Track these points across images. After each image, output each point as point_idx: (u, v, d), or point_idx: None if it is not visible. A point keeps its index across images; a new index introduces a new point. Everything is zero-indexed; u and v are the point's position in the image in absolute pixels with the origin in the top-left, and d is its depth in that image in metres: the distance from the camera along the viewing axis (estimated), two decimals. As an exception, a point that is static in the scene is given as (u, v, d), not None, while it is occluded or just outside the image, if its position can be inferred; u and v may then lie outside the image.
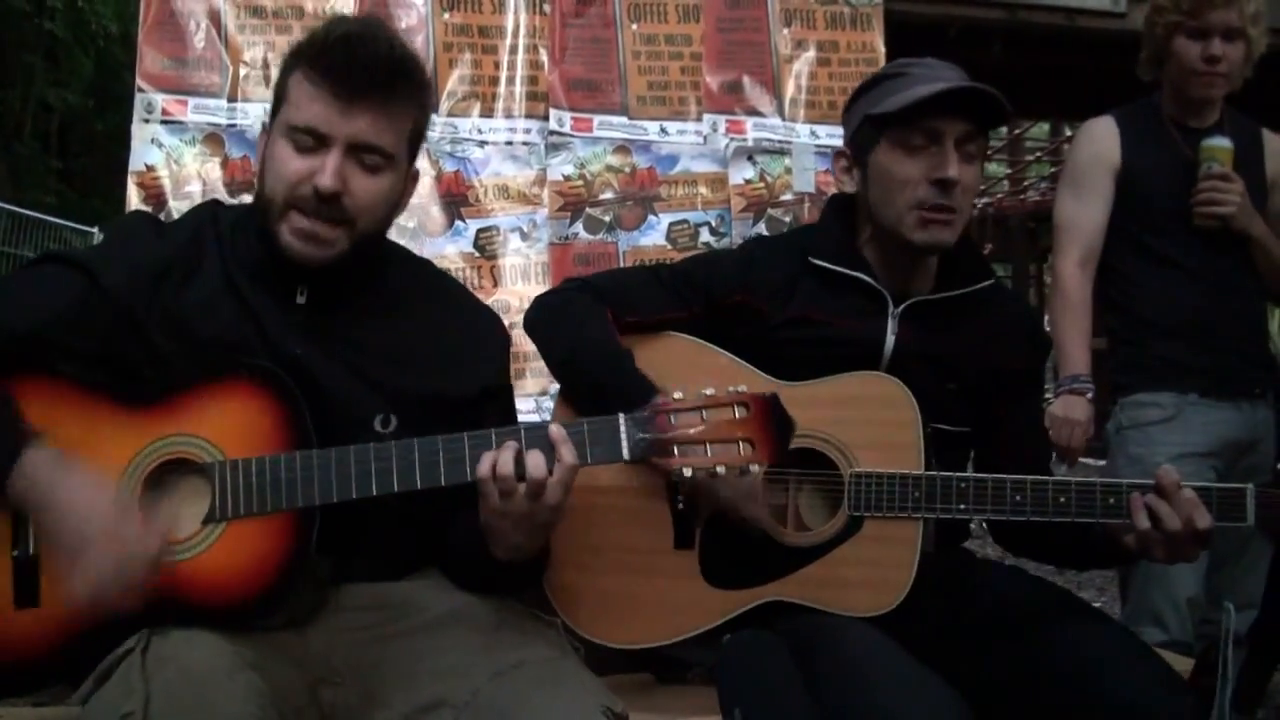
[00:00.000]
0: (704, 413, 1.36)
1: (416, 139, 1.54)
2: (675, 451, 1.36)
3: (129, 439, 1.41)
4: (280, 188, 1.46)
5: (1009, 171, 13.87)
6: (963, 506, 1.61)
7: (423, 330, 1.58)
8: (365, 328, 1.54)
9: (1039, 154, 13.68)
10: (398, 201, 1.55)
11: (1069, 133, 10.99)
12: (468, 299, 1.73)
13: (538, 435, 1.38)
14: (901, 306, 1.74)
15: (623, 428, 1.38)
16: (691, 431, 1.36)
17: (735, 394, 1.37)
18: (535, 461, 1.35)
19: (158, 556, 1.31)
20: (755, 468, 1.37)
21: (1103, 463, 2.54)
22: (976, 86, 1.65)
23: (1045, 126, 13.54)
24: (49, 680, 1.40)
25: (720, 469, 1.36)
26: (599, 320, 1.73)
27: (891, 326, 1.73)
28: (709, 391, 1.38)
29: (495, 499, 1.37)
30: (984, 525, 1.84)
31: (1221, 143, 2.32)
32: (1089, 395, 2.36)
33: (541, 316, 1.81)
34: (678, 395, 1.38)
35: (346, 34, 1.45)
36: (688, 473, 1.36)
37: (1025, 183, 13.65)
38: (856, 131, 1.77)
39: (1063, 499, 1.59)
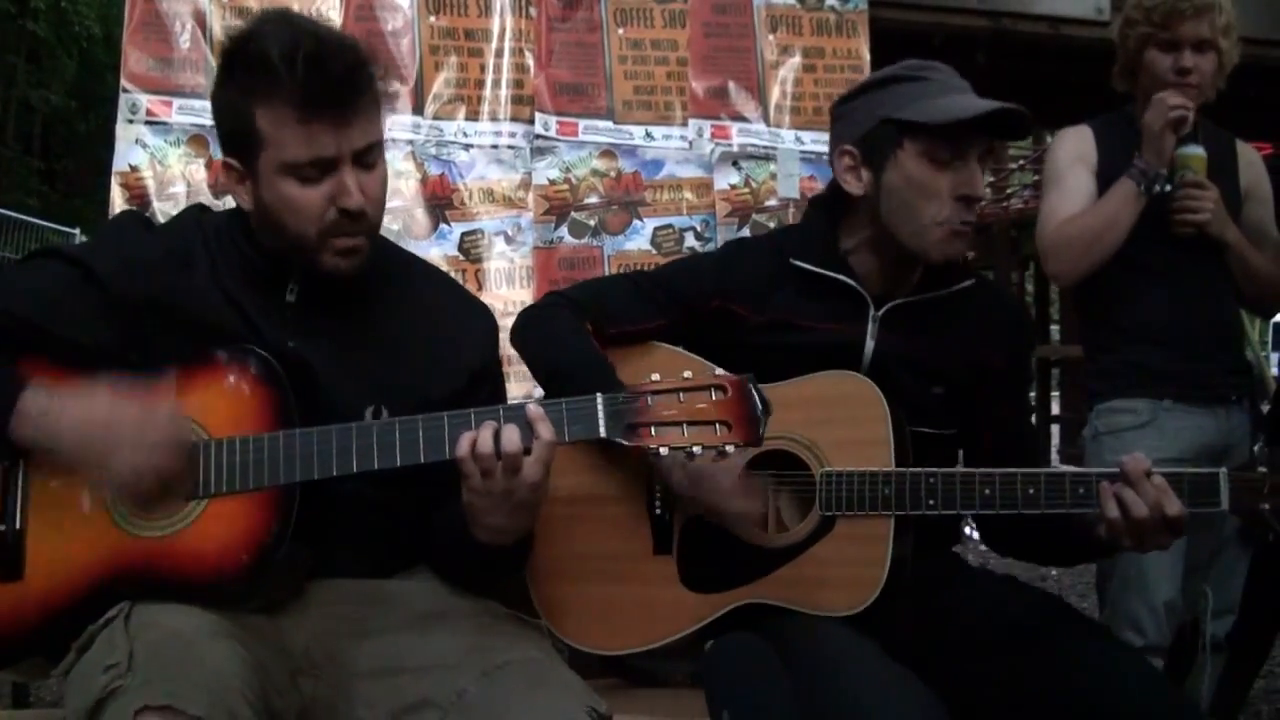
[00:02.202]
0: (681, 395, 1.38)
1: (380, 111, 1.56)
2: (653, 432, 1.38)
3: None
4: (309, 226, 1.47)
5: (992, 180, 13.94)
6: (932, 502, 1.61)
7: (411, 322, 1.60)
8: (355, 321, 1.56)
9: (1022, 162, 13.76)
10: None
11: (1050, 142, 11.05)
12: (454, 288, 1.75)
13: (516, 414, 1.40)
14: (883, 309, 1.74)
15: (600, 406, 1.39)
16: (668, 412, 1.38)
17: (712, 376, 1.40)
18: (511, 438, 1.37)
19: (176, 413, 1.38)
20: (731, 448, 1.38)
21: (1080, 470, 2.55)
22: (1017, 110, 1.64)
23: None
24: (29, 653, 1.42)
25: (697, 449, 1.37)
26: (581, 335, 1.74)
27: (872, 330, 1.73)
28: (686, 374, 1.40)
29: (476, 478, 1.38)
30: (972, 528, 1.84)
31: (1196, 151, 2.34)
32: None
33: (525, 333, 1.83)
34: (655, 377, 1.40)
35: (307, 55, 1.41)
36: (664, 451, 1.38)
37: (1008, 190, 13.72)
38: (871, 132, 1.71)
39: (1031, 490, 1.58)
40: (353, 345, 1.55)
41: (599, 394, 1.40)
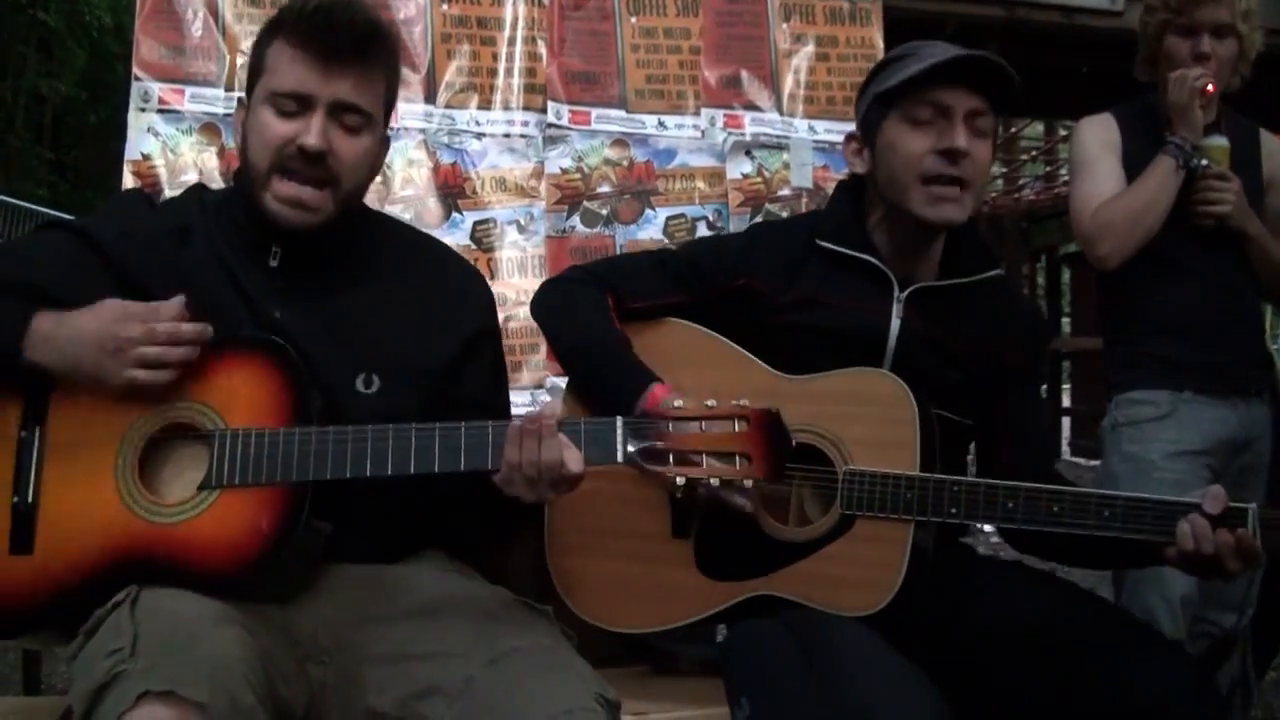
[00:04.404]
0: (703, 424, 1.37)
1: (390, 102, 1.61)
2: (671, 459, 1.36)
3: (135, 401, 1.44)
4: (265, 153, 1.50)
5: (1003, 171, 13.88)
6: (954, 510, 1.60)
7: (402, 289, 1.61)
8: (343, 289, 1.58)
9: (1034, 153, 13.70)
10: (376, 164, 1.61)
11: (1063, 132, 11.01)
12: (448, 256, 1.76)
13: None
14: (907, 291, 1.74)
15: (619, 432, 1.38)
16: (689, 441, 1.36)
17: (736, 407, 1.37)
18: (573, 456, 1.37)
19: (176, 313, 1.40)
20: (749, 482, 1.37)
21: (1096, 462, 2.54)
22: (980, 55, 1.64)
23: (1040, 126, 13.55)
24: (37, 627, 1.43)
25: (715, 481, 1.36)
26: (600, 310, 1.74)
27: (897, 311, 1.73)
28: (710, 403, 1.38)
29: (520, 484, 1.39)
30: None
31: (1218, 141, 2.32)
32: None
33: (546, 306, 1.83)
34: (678, 404, 1.39)
35: (323, 4, 1.50)
36: (680, 481, 1.36)
37: (1020, 182, 13.66)
38: (866, 113, 1.77)
39: (1056, 508, 1.56)
40: (341, 313, 1.56)
41: (619, 419, 1.39)
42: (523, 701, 1.29)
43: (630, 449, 1.38)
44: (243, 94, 1.59)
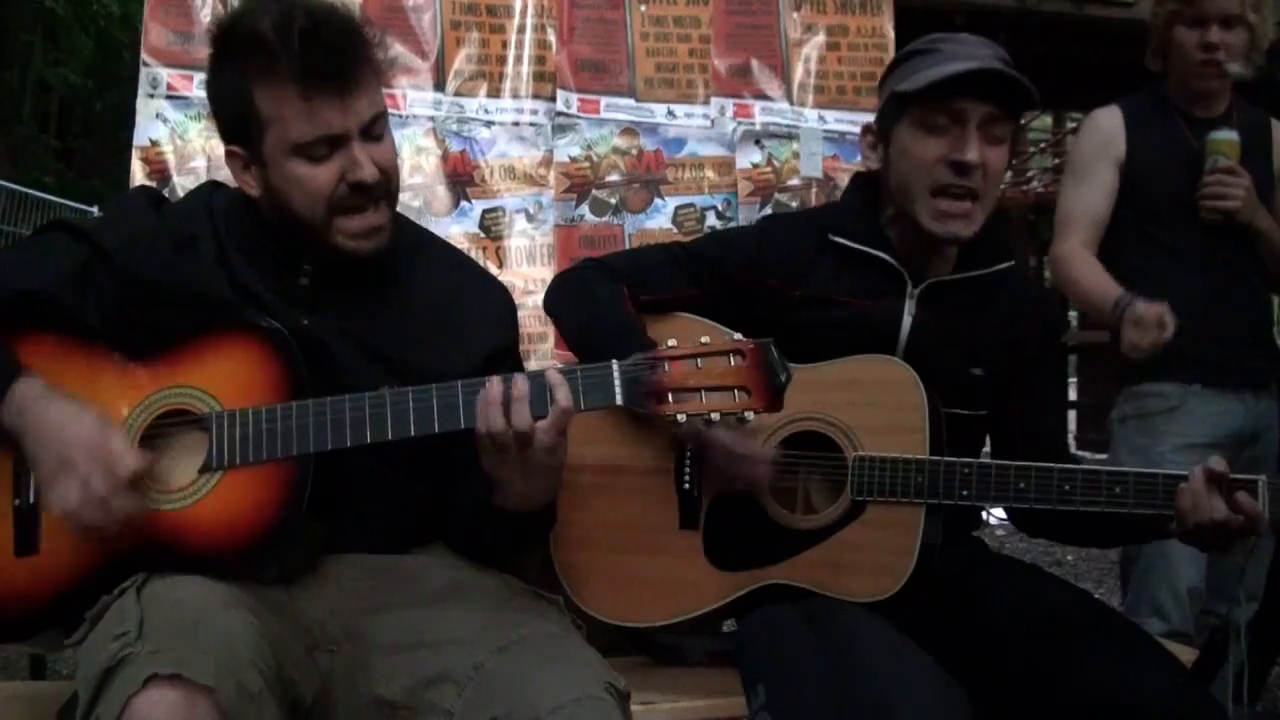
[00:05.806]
0: (699, 360, 1.36)
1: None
2: (670, 398, 1.35)
3: (129, 391, 1.44)
4: (317, 203, 1.46)
5: (1011, 163, 13.82)
6: (965, 493, 1.61)
7: (427, 301, 1.60)
8: (369, 300, 1.56)
9: (1042, 145, 13.65)
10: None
11: (1071, 125, 10.97)
12: (470, 266, 1.75)
13: (535, 380, 1.38)
14: (920, 287, 1.73)
15: (616, 373, 1.37)
16: (686, 378, 1.35)
17: (730, 341, 1.37)
18: (521, 412, 1.35)
19: (136, 474, 1.33)
20: (750, 414, 1.36)
21: (1103, 456, 2.54)
22: (1001, 70, 1.63)
23: (1048, 119, 13.50)
24: (45, 627, 1.42)
25: (715, 415, 1.35)
26: (615, 295, 1.74)
27: (909, 307, 1.72)
28: (704, 339, 1.37)
29: (490, 452, 1.38)
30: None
31: (1228, 136, 2.32)
32: (1138, 302, 2.17)
33: (560, 292, 1.83)
34: (672, 343, 1.38)
35: (302, 29, 1.40)
36: (682, 418, 1.36)
37: (1028, 174, 13.61)
38: (883, 107, 1.76)
39: (1067, 487, 1.57)
40: (367, 325, 1.54)
41: (614, 361, 1.38)
42: (532, 690, 1.29)
43: (628, 391, 1.37)
44: (234, 145, 1.50)
